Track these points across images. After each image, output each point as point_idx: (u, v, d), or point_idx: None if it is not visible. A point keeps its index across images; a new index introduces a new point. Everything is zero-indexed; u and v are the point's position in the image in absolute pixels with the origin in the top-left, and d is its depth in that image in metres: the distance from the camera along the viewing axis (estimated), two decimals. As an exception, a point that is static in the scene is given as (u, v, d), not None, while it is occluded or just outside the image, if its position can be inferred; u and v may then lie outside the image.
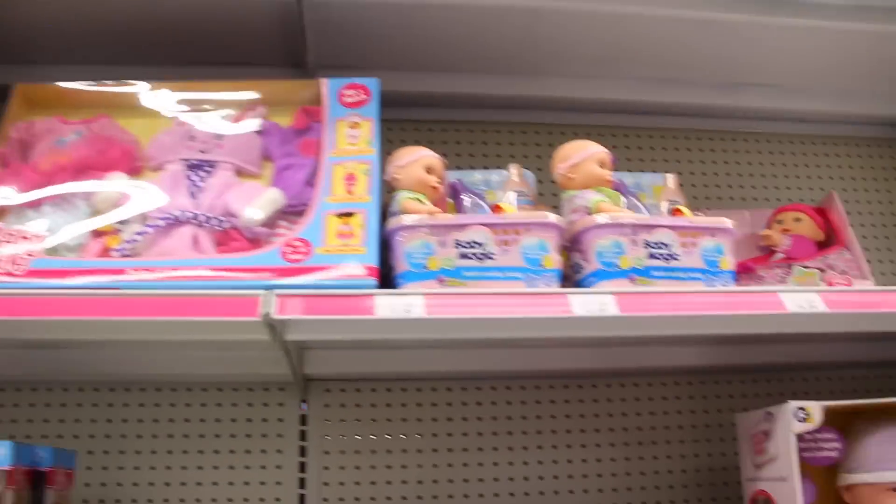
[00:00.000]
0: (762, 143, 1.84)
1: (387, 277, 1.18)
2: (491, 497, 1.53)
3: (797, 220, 1.51)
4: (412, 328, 1.16)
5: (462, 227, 1.16)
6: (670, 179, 1.39)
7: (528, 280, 1.15)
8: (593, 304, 1.11)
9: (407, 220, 1.16)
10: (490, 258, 1.15)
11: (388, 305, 1.08)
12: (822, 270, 1.43)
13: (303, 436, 1.52)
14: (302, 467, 1.51)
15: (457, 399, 1.57)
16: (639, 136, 1.80)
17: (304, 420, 1.53)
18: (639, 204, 1.35)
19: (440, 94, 1.64)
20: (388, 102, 1.31)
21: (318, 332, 1.18)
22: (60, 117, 1.27)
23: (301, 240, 1.15)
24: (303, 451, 1.51)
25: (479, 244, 1.15)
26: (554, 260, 1.17)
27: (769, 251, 1.49)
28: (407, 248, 1.16)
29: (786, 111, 1.78)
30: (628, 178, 1.38)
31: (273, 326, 1.11)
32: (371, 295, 1.09)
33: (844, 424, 1.34)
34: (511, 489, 1.54)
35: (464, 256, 1.15)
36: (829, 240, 1.51)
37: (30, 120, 1.27)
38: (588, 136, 1.71)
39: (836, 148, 1.86)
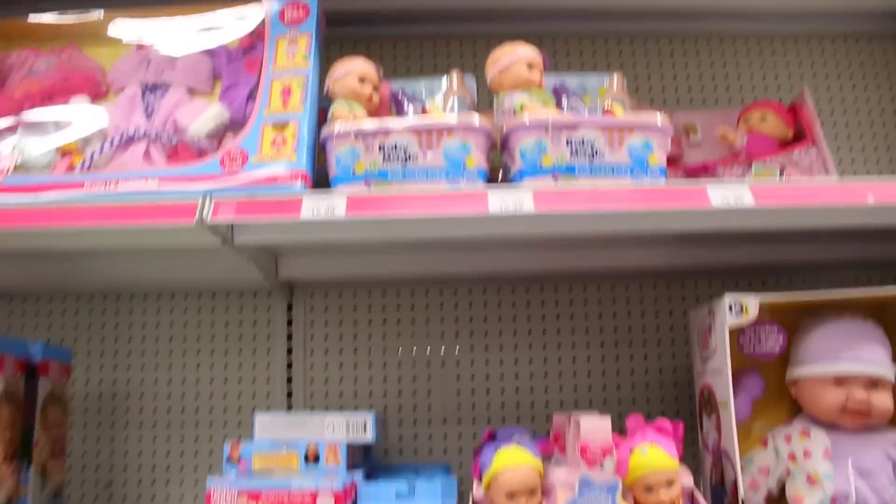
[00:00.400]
0: (738, 44, 1.78)
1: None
2: (467, 394, 1.61)
3: (763, 118, 1.47)
4: (336, 228, 1.23)
5: (386, 132, 1.21)
6: (615, 80, 1.38)
7: (451, 180, 1.20)
8: (509, 202, 1.15)
9: (335, 127, 1.22)
10: (413, 160, 1.20)
11: (312, 207, 1.15)
12: (782, 168, 1.41)
13: (290, 337, 1.64)
14: (289, 366, 1.63)
15: (434, 301, 1.65)
16: (605, 42, 1.78)
17: (290, 322, 1.64)
18: (582, 106, 1.36)
19: (390, 9, 1.67)
20: (344, 21, 1.36)
21: (259, 234, 1.26)
22: (33, 49, 1.39)
23: (239, 150, 1.23)
24: (290, 351, 1.63)
25: (403, 147, 1.20)
26: (476, 160, 1.20)
27: (736, 151, 1.47)
28: (336, 154, 1.22)
29: (759, 9, 1.70)
30: (573, 80, 1.38)
31: (218, 230, 1.21)
32: (298, 198, 1.16)
33: (794, 321, 1.34)
34: (487, 386, 1.61)
35: (388, 159, 1.20)
36: (799, 138, 1.47)
37: (5, 53, 1.39)
38: (552, 45, 1.73)
39: (811, 45, 1.78)
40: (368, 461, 1.44)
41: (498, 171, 1.30)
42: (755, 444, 1.33)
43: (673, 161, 1.51)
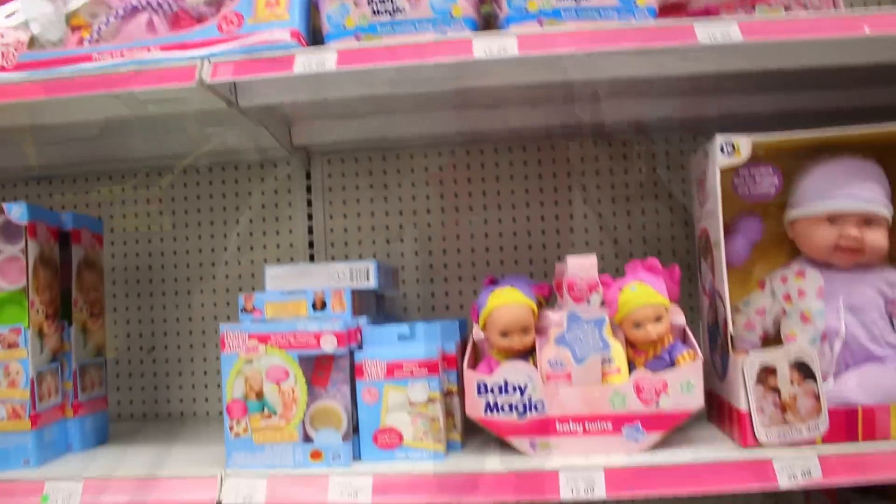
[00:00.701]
0: None
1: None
2: (481, 251, 1.67)
3: (771, -44, 1.42)
4: (329, 82, 1.27)
5: (374, -14, 1.23)
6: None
7: (438, 30, 1.22)
8: (494, 47, 1.17)
9: (325, -16, 1.25)
10: (400, 12, 1.22)
11: (304, 62, 1.20)
12: (787, 8, 1.37)
13: (310, 203, 1.71)
14: (310, 231, 1.70)
15: (446, 163, 1.69)
16: None
17: (309, 189, 1.71)
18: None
19: None
20: None
21: (259, 94, 1.31)
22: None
23: (235, 13, 1.26)
24: (310, 217, 1.71)
25: (391, 0, 1.22)
26: (463, 9, 1.22)
27: (744, -7, 1.43)
28: (328, 12, 1.26)
29: None
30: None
31: (219, 91, 1.27)
32: (291, 54, 1.21)
33: (796, 167, 1.34)
34: (500, 244, 1.67)
35: (376, 13, 1.23)
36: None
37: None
38: None
39: None
40: (384, 315, 1.51)
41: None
42: (754, 287, 1.36)
43: (679, 8, 1.48)
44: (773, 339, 1.32)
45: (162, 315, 1.74)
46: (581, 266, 1.17)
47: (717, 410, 1.32)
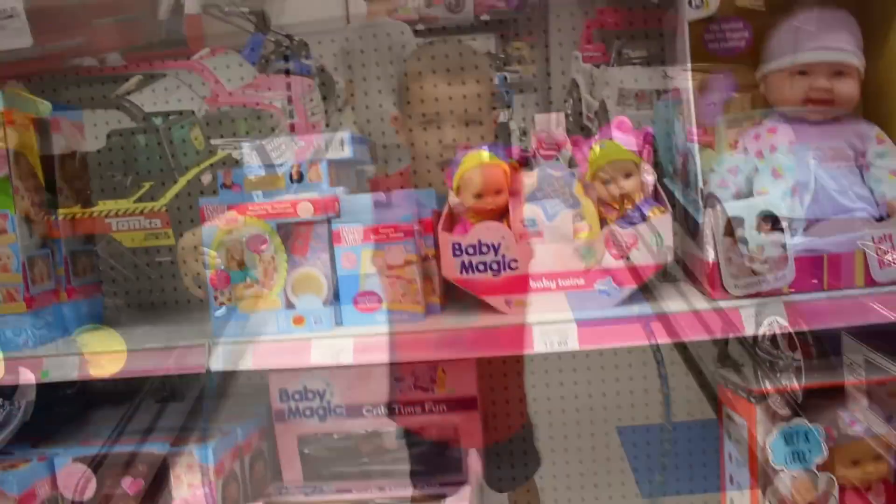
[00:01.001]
0: None
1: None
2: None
3: None
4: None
5: None
6: None
7: None
8: None
9: None
10: None
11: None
12: None
13: (289, 86, 1.71)
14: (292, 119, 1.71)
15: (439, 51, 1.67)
16: None
17: (287, 72, 1.71)
18: None
19: None
20: None
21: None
22: None
23: None
24: (290, 100, 1.71)
25: None
26: None
27: None
28: None
29: None
30: None
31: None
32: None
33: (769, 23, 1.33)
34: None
35: None
36: None
37: None
38: None
39: None
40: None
41: None
42: (728, 147, 1.36)
43: None
44: (746, 196, 1.33)
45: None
46: (548, 122, 1.19)
47: (689, 268, 1.34)
